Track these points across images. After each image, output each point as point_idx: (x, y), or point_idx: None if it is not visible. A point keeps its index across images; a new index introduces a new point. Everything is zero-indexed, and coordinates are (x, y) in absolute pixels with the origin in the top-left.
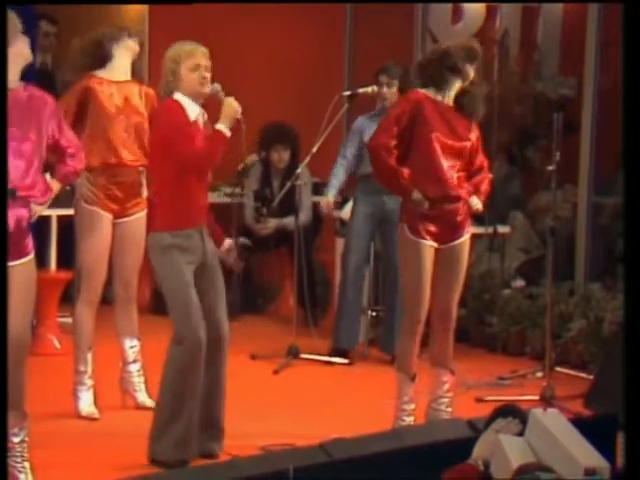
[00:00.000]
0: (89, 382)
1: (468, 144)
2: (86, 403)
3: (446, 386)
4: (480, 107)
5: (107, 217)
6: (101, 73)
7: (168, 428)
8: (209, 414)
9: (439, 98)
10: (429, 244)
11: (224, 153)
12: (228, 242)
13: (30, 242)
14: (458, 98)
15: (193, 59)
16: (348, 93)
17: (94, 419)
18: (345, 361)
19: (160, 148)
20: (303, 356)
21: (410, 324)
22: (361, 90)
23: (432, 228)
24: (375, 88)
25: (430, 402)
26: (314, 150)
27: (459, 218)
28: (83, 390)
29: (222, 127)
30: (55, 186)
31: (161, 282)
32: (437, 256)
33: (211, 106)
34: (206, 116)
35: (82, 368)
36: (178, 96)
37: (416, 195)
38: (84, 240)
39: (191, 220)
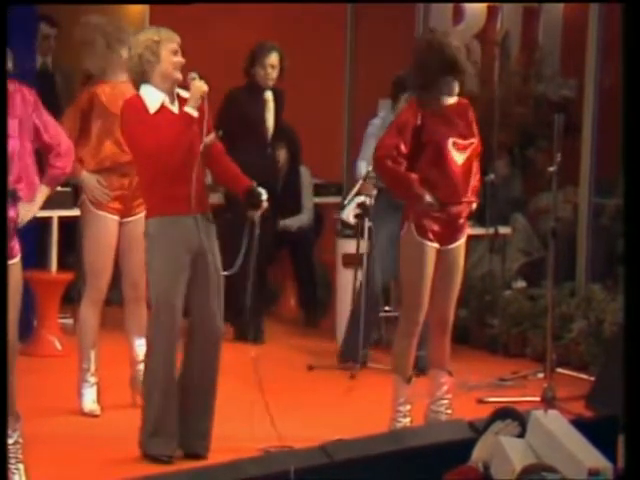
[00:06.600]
0: (92, 379)
1: (475, 141)
2: (89, 400)
3: (445, 388)
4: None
5: (113, 220)
6: (109, 77)
7: (145, 420)
8: (194, 410)
9: (441, 101)
10: (433, 246)
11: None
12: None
13: (16, 245)
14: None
15: (174, 43)
16: None
17: (95, 416)
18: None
19: (128, 143)
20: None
21: (408, 325)
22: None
23: (436, 228)
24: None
25: (429, 404)
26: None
27: (461, 221)
28: (86, 387)
29: (188, 109)
30: (43, 189)
31: (148, 269)
32: (437, 258)
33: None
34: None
35: (85, 366)
36: (143, 90)
37: (428, 199)
38: (89, 241)
39: (174, 207)
